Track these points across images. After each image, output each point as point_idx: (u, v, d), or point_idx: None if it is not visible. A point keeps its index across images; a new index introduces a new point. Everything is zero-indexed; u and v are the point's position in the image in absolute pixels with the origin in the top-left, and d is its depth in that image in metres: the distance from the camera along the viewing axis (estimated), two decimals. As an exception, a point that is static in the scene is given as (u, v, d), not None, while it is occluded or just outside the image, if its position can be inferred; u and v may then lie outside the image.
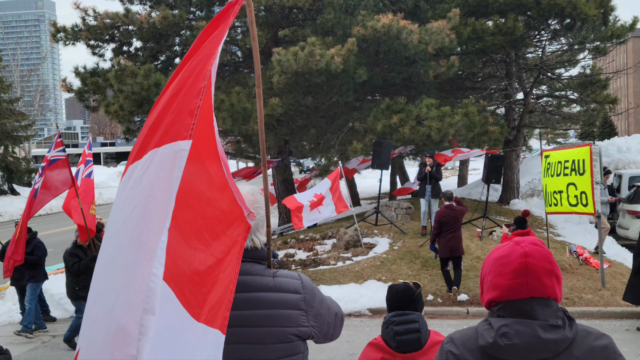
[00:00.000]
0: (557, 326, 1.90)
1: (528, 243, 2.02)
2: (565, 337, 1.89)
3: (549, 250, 2.03)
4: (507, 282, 1.97)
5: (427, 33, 14.63)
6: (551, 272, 1.98)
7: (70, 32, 17.73)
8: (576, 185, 11.54)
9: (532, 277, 1.95)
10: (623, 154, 23.38)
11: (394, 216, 16.07)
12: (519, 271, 1.96)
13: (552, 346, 1.87)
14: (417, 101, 15.48)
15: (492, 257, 2.07)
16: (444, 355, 2.01)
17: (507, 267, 1.99)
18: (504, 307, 1.97)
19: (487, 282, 2.06)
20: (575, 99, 20.33)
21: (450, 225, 10.99)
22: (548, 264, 1.98)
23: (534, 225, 16.59)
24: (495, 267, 2.03)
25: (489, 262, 2.07)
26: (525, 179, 22.28)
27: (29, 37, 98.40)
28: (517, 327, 1.90)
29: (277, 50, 14.54)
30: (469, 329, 2.06)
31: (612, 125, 56.03)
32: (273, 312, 2.47)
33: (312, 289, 2.61)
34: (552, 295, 1.97)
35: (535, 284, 1.95)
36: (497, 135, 15.93)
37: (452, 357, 1.99)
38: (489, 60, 19.06)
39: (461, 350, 1.98)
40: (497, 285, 2.00)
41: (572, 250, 12.98)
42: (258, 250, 2.60)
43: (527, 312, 1.93)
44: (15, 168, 35.12)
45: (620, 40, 18.21)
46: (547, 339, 1.87)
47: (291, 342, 2.49)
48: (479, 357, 1.95)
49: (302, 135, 19.31)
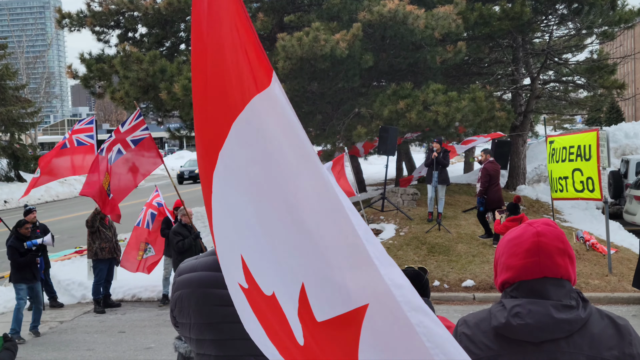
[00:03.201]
0: (571, 306, 1.89)
1: (540, 223, 2.01)
2: (578, 318, 1.87)
3: (562, 230, 2.02)
4: (520, 262, 1.96)
5: (433, 18, 14.53)
6: (564, 251, 1.96)
7: (75, 18, 17.70)
8: (582, 171, 11.50)
9: (544, 256, 1.94)
10: (630, 139, 23.28)
11: (400, 202, 16.05)
12: (531, 250, 1.95)
13: (565, 326, 1.86)
14: (423, 86, 15.42)
15: (505, 239, 2.06)
16: (458, 337, 1.99)
17: (519, 247, 1.98)
18: (517, 288, 1.96)
19: (500, 263, 2.05)
20: (583, 85, 20.21)
21: (496, 178, 13.03)
22: (560, 243, 1.97)
23: (540, 211, 16.55)
24: (508, 248, 2.02)
25: (503, 244, 2.06)
26: (532, 165, 22.20)
27: (34, 23, 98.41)
28: (530, 307, 1.89)
29: (281, 36, 14.47)
30: (482, 311, 2.05)
31: (619, 110, 55.83)
32: None
33: None
34: (566, 276, 1.95)
35: (548, 262, 1.93)
36: (503, 121, 15.87)
37: (466, 339, 1.98)
38: (496, 45, 18.94)
39: (474, 332, 1.98)
40: (510, 266, 1.99)
41: (579, 236, 12.96)
42: None
43: (540, 292, 1.92)
44: (21, 155, 35.17)
45: (628, 25, 18.08)
46: (560, 319, 1.85)
47: None
48: (492, 338, 1.93)
49: (308, 121, 19.26)
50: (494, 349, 1.92)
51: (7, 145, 34.97)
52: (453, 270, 11.48)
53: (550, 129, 48.94)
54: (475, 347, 1.95)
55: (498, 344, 1.92)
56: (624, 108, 71.46)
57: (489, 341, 1.94)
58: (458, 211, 15.48)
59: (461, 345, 1.95)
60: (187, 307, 2.53)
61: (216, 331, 2.47)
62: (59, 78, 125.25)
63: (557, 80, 21.51)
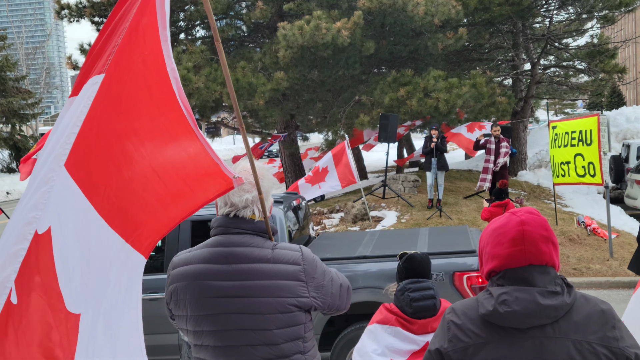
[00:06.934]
0: (556, 292, 1.93)
1: (524, 212, 2.06)
2: (564, 303, 1.92)
3: (545, 218, 2.07)
4: (506, 251, 2.00)
5: (433, 5, 14.49)
6: (547, 238, 2.01)
7: (74, 9, 17.66)
8: (583, 156, 11.50)
9: (529, 244, 1.98)
10: (632, 123, 23.23)
11: (401, 189, 16.08)
12: (516, 239, 1.99)
13: (551, 312, 1.90)
14: (424, 73, 15.39)
15: (489, 229, 2.11)
16: (446, 325, 2.04)
17: (504, 237, 2.02)
18: (503, 276, 2.00)
19: (485, 253, 2.09)
20: (583, 69, 20.14)
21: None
22: (544, 231, 2.01)
23: (541, 196, 16.58)
24: (493, 237, 2.07)
25: (487, 234, 2.11)
26: (533, 150, 22.20)
27: (33, 14, 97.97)
28: (517, 294, 1.93)
29: (282, 25, 14.44)
30: (470, 299, 2.10)
31: (620, 94, 55.65)
32: (271, 283, 2.50)
33: (312, 261, 2.63)
34: (550, 263, 2.00)
35: (532, 250, 1.98)
36: (504, 107, 15.85)
37: (454, 327, 2.02)
38: (496, 31, 18.87)
39: (463, 320, 2.01)
40: (496, 255, 2.03)
41: (580, 221, 12.98)
42: (257, 222, 2.61)
43: (526, 279, 1.96)
44: (22, 146, 35.20)
45: (629, 9, 17.99)
46: (546, 305, 1.90)
47: (290, 313, 2.52)
48: (480, 326, 1.97)
49: (309, 109, 19.27)
50: (482, 336, 1.96)
51: (8, 136, 35.00)
52: (455, 256, 11.51)
53: (552, 114, 48.80)
54: (464, 335, 1.99)
55: (486, 331, 1.96)
56: (625, 92, 71.26)
57: (477, 329, 1.98)
58: (459, 197, 15.51)
59: (449, 333, 2.02)
60: (182, 299, 2.56)
61: (213, 322, 2.50)
62: (59, 69, 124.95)
63: (557, 65, 21.46)
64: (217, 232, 2.63)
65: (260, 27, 18.30)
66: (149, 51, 2.33)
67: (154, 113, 2.33)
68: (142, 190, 2.30)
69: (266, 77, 15.47)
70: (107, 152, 2.29)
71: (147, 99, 2.33)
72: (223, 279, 2.51)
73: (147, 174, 2.30)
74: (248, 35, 18.97)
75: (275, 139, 19.10)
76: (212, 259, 2.55)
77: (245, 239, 2.56)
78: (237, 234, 2.58)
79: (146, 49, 2.33)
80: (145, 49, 2.33)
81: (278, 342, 2.50)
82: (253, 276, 2.50)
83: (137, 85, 2.33)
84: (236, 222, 2.59)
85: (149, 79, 2.33)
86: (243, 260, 2.52)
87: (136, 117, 2.32)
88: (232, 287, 2.49)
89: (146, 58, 2.33)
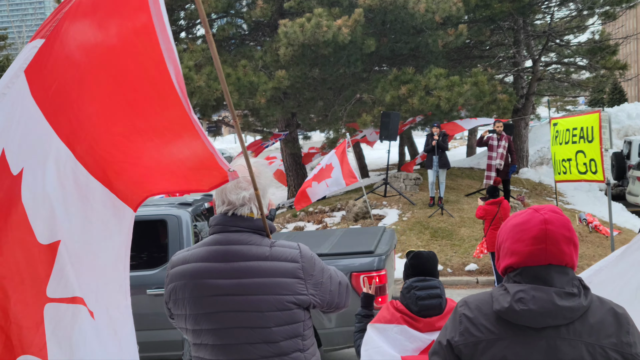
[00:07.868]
0: (573, 294, 1.92)
1: (547, 210, 2.03)
2: (580, 305, 1.90)
3: (568, 218, 2.04)
4: (526, 249, 1.98)
5: (433, 2, 14.47)
6: (570, 239, 1.99)
7: (74, 8, 17.62)
8: (585, 153, 11.48)
9: (551, 244, 1.96)
10: (633, 120, 23.24)
11: (403, 187, 16.07)
12: (538, 238, 1.97)
13: (567, 313, 1.89)
14: (425, 71, 15.37)
15: (510, 224, 2.08)
16: (458, 318, 2.02)
17: (526, 234, 1.99)
18: (521, 273, 1.98)
19: (504, 248, 2.06)
20: (584, 66, 20.14)
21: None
22: (567, 232, 1.99)
23: (543, 194, 16.57)
24: (513, 233, 2.03)
25: (507, 229, 2.08)
26: (535, 148, 22.19)
27: (33, 13, 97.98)
28: (534, 293, 1.91)
29: (283, 22, 14.43)
30: (483, 294, 2.07)
31: (622, 91, 55.53)
32: (269, 280, 2.49)
33: (311, 258, 2.62)
34: (570, 264, 1.98)
35: (554, 250, 1.96)
36: (505, 104, 15.83)
37: (466, 320, 2.00)
38: (497, 28, 18.85)
39: (475, 314, 2.00)
40: (516, 252, 2.00)
41: (582, 218, 12.98)
42: (255, 220, 2.61)
43: (544, 278, 1.94)
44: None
45: (630, 5, 18.00)
46: (562, 306, 1.88)
47: (289, 310, 2.51)
48: (493, 322, 1.96)
49: (310, 107, 19.25)
50: (495, 333, 1.94)
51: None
52: (456, 254, 11.52)
53: (553, 111, 48.69)
54: (476, 330, 1.97)
55: (499, 327, 1.95)
56: (627, 89, 71.15)
57: (490, 324, 1.96)
58: (461, 195, 15.50)
59: (461, 326, 1.99)
60: (181, 298, 2.56)
61: (212, 321, 2.50)
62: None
63: (558, 62, 21.43)
64: (215, 231, 2.63)
65: (260, 26, 18.27)
66: (142, 27, 2.19)
67: (147, 90, 2.28)
68: (135, 151, 2.34)
69: (267, 75, 15.46)
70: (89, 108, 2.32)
71: (146, 84, 2.27)
72: (221, 277, 2.50)
73: (145, 141, 2.34)
74: (249, 34, 18.96)
75: (276, 137, 19.10)
76: (211, 257, 2.55)
77: (243, 236, 2.56)
78: (235, 232, 2.58)
79: (137, 22, 2.19)
80: (137, 23, 2.20)
81: (277, 340, 2.50)
82: (251, 274, 2.49)
83: (129, 65, 2.25)
84: (234, 220, 2.59)
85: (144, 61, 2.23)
86: (241, 258, 2.52)
87: (132, 96, 2.28)
88: (231, 285, 2.48)
89: (139, 31, 2.19)
